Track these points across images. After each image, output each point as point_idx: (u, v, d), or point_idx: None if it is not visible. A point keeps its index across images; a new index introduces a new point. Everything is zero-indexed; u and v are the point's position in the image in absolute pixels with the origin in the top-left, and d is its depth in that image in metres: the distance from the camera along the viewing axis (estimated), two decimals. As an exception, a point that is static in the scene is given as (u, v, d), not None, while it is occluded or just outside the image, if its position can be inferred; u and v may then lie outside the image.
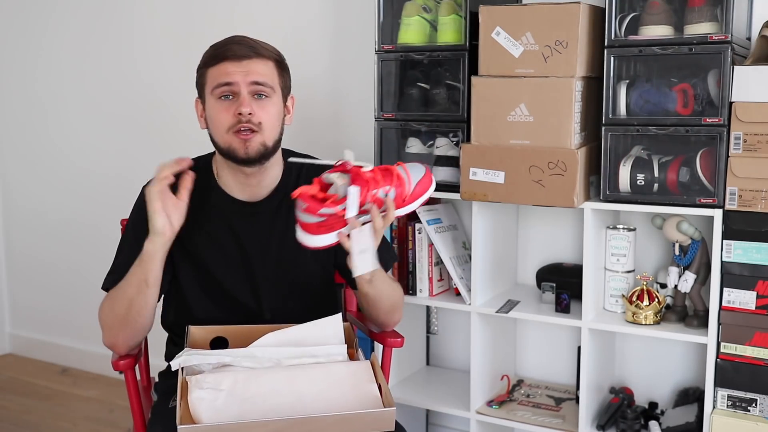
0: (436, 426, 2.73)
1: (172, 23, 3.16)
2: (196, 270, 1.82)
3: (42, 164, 3.63)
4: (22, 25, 3.56)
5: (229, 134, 1.73)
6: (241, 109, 1.71)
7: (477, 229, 2.27)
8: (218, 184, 1.84)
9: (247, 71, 1.72)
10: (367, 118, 2.54)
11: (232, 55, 1.73)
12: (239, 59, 1.72)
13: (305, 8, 2.86)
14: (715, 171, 2.00)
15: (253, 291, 1.83)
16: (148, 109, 3.27)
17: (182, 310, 1.85)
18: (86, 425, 3.09)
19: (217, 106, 1.74)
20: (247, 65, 1.72)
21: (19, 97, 3.65)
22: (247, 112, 1.71)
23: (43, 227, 3.67)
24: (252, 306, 1.83)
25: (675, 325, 2.15)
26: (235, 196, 1.83)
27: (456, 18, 2.28)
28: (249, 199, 1.83)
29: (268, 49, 1.79)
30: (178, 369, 1.59)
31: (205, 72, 1.76)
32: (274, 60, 1.78)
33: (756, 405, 2.01)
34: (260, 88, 1.74)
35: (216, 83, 1.73)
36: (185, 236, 1.78)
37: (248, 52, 1.74)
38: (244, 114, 1.71)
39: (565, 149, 2.07)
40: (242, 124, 1.72)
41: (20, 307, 3.83)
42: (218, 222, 1.82)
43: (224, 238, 1.82)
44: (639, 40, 2.05)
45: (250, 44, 1.76)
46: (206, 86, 1.76)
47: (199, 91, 1.80)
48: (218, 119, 1.74)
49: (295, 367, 1.61)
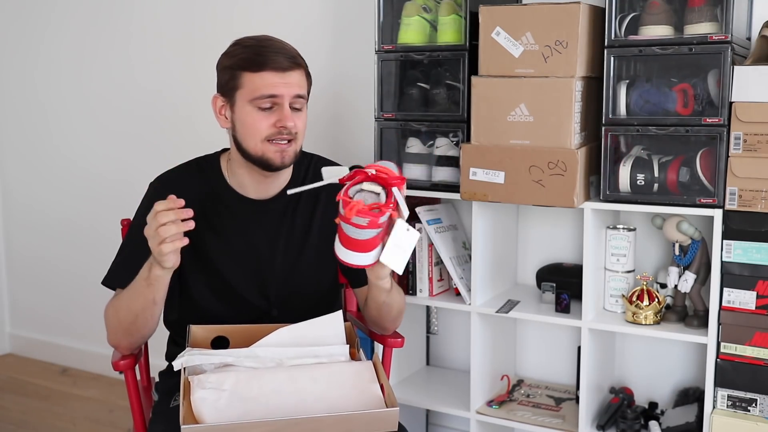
0: (436, 426, 2.73)
1: (172, 23, 3.16)
2: (204, 268, 1.82)
3: (42, 164, 3.63)
4: (22, 25, 3.56)
5: (264, 143, 1.74)
6: (286, 123, 1.72)
7: (477, 229, 2.27)
8: (227, 183, 1.84)
9: (289, 83, 1.72)
10: (367, 118, 2.54)
11: (276, 66, 1.71)
12: (283, 71, 1.71)
13: (305, 8, 2.86)
14: (715, 171, 2.00)
15: (260, 288, 1.83)
16: (148, 109, 3.27)
17: (188, 308, 1.85)
18: (86, 425, 3.09)
19: (255, 114, 1.72)
20: (289, 77, 1.72)
21: (19, 97, 3.65)
22: (292, 126, 1.73)
23: (43, 227, 3.67)
24: (259, 303, 1.83)
25: (675, 325, 2.15)
26: (246, 195, 1.84)
27: (456, 18, 2.28)
28: (258, 197, 1.84)
29: (301, 57, 1.78)
30: (180, 369, 1.59)
31: (240, 75, 1.72)
32: (305, 69, 1.79)
33: (756, 405, 2.01)
34: (299, 100, 1.75)
35: (258, 94, 1.71)
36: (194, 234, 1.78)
37: (290, 64, 1.72)
38: (288, 127, 1.73)
39: (565, 149, 2.07)
40: (282, 136, 1.73)
41: (20, 307, 3.83)
42: (227, 220, 1.83)
43: (233, 235, 1.83)
44: (639, 40, 2.05)
45: (290, 53, 1.74)
46: (241, 90, 1.73)
47: (226, 92, 1.76)
48: (255, 128, 1.73)
49: (297, 367, 1.61)
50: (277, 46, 1.74)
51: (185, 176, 1.85)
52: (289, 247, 1.85)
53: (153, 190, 1.85)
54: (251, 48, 1.73)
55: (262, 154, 1.74)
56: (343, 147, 2.80)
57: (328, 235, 1.86)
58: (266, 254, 1.83)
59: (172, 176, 1.87)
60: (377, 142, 2.40)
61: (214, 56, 1.80)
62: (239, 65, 1.72)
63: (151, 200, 1.76)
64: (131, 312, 1.70)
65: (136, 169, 3.28)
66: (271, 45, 1.74)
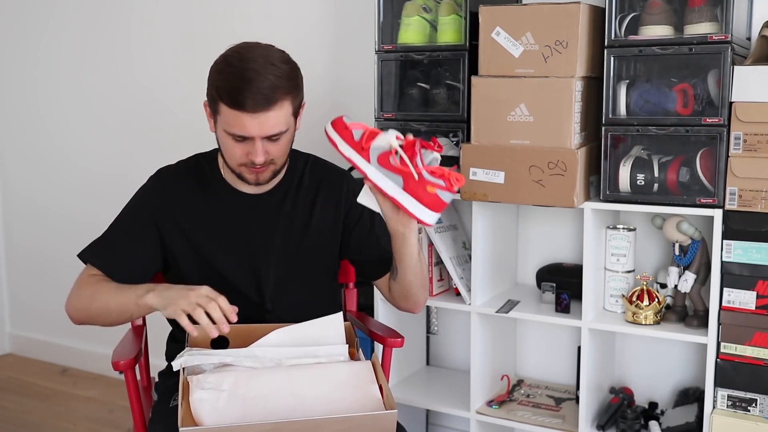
0: (436, 426, 2.73)
1: (172, 23, 3.16)
2: (200, 263, 1.83)
3: (42, 164, 3.63)
4: (22, 24, 3.56)
5: (241, 166, 1.74)
6: (255, 160, 1.70)
7: (477, 229, 2.27)
8: (223, 178, 1.86)
9: (262, 124, 1.67)
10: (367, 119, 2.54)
11: (251, 109, 1.64)
12: (255, 112, 1.65)
13: (305, 8, 2.86)
14: (715, 171, 2.00)
15: (255, 283, 1.84)
16: (147, 106, 3.27)
17: None
18: (86, 425, 3.09)
19: (230, 141, 1.71)
20: (262, 118, 1.66)
21: (19, 95, 3.65)
22: (260, 162, 1.71)
23: (43, 227, 3.67)
24: (254, 297, 1.84)
25: (675, 325, 2.15)
26: (242, 189, 1.85)
27: (456, 18, 2.28)
28: (254, 192, 1.85)
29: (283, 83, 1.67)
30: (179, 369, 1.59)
31: (218, 102, 1.68)
32: (289, 95, 1.69)
33: (756, 405, 2.01)
34: (275, 136, 1.71)
35: (231, 130, 1.69)
36: (189, 228, 1.81)
37: (267, 105, 1.65)
38: (257, 163, 1.71)
39: (565, 149, 2.07)
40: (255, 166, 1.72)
41: (20, 307, 3.83)
42: (222, 215, 1.84)
43: (228, 230, 1.84)
44: (639, 40, 2.05)
45: (269, 90, 1.64)
46: (219, 116, 1.70)
47: (210, 105, 1.74)
48: (229, 153, 1.73)
49: (296, 368, 1.61)
50: (256, 83, 1.63)
51: (183, 172, 1.88)
52: (285, 242, 1.85)
53: (151, 183, 1.88)
54: (232, 79, 1.65)
55: (240, 173, 1.76)
56: (343, 147, 2.80)
57: (327, 230, 1.88)
58: (261, 248, 1.84)
59: (171, 171, 1.89)
60: (377, 142, 2.39)
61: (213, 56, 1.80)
62: (219, 93, 1.68)
63: (147, 193, 1.86)
64: (106, 310, 1.75)
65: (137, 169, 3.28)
66: (251, 80, 1.64)
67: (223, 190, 1.85)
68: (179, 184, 1.85)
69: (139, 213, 1.84)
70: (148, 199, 1.85)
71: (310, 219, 1.87)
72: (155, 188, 1.86)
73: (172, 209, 1.83)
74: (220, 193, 1.85)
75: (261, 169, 1.74)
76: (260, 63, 1.66)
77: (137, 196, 1.87)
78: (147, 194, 1.86)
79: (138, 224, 1.83)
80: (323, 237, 1.89)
